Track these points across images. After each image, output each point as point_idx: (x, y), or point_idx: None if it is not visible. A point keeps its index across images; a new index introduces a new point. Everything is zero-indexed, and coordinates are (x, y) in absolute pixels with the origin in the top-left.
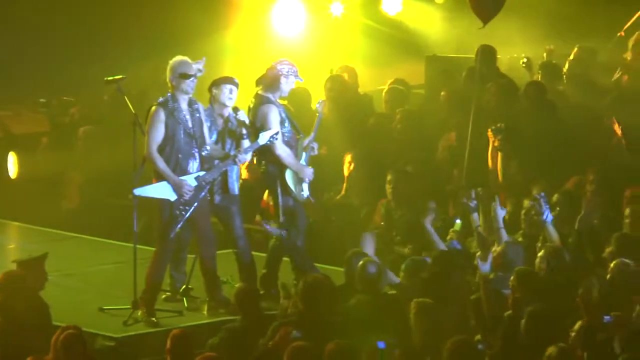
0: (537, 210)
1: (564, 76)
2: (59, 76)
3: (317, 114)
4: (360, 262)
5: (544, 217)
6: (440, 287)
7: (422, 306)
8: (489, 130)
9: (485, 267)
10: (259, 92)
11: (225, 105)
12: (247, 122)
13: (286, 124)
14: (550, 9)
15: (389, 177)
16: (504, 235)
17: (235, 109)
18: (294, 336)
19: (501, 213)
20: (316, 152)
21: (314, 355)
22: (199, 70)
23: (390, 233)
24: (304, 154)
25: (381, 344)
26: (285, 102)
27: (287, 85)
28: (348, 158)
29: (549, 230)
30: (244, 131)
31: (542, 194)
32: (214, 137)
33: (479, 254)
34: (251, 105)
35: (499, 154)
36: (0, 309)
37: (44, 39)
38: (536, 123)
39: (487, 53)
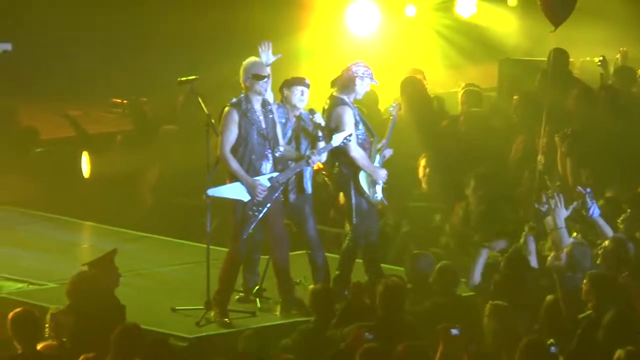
0: (584, 206)
1: (639, 79)
2: (132, 76)
3: (392, 117)
4: (439, 265)
5: (591, 212)
6: (512, 290)
7: (496, 308)
8: (556, 136)
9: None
10: (334, 93)
11: (296, 107)
12: (322, 124)
13: (360, 126)
14: (624, 12)
15: (472, 183)
16: (565, 236)
17: (311, 111)
18: (367, 338)
19: (563, 213)
20: (389, 155)
21: (386, 357)
22: (269, 58)
23: (468, 235)
24: (377, 157)
25: (455, 331)
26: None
27: (362, 87)
28: (422, 162)
29: (599, 225)
30: (319, 133)
31: (588, 189)
32: (289, 135)
33: (551, 255)
34: (326, 107)
35: (568, 159)
36: (74, 310)
37: (118, 39)
38: (608, 127)
39: (560, 56)
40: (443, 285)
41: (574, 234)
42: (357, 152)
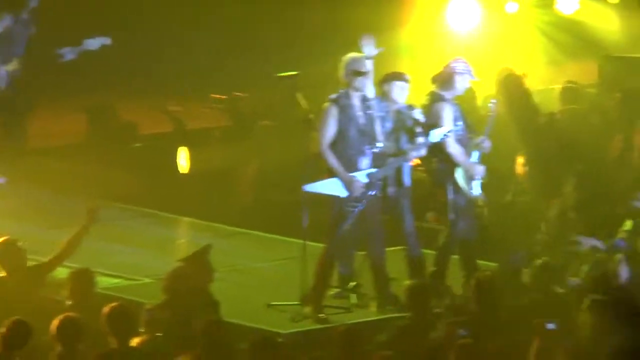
0: None
1: None
2: (231, 72)
3: (490, 113)
4: (539, 262)
5: None
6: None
7: (595, 302)
8: None
9: None
10: (434, 89)
11: (395, 103)
12: (421, 119)
13: (459, 123)
14: None
15: (571, 180)
16: None
17: (410, 107)
18: (461, 334)
19: None
20: (487, 149)
21: (480, 353)
22: (371, 51)
23: (564, 233)
24: (475, 153)
25: (551, 325)
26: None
27: (462, 83)
28: (520, 160)
29: None
30: (418, 129)
31: None
32: (387, 129)
33: None
34: (425, 103)
35: None
36: (170, 306)
37: (218, 35)
38: None
39: None
40: (540, 282)
41: None
42: (454, 148)
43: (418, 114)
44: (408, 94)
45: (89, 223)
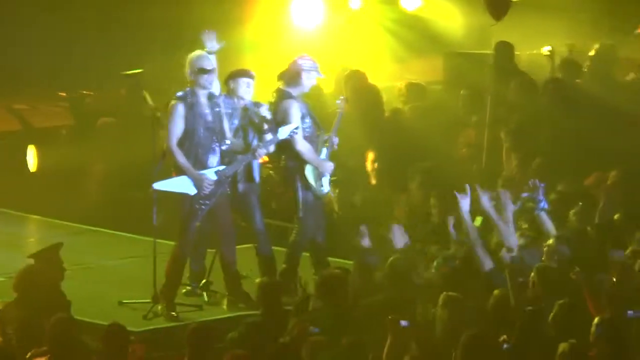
0: (533, 199)
1: (585, 73)
2: (77, 70)
3: (338, 110)
4: (390, 260)
5: (541, 206)
6: (463, 283)
7: (449, 299)
8: (501, 132)
9: (507, 257)
10: (281, 86)
11: (242, 99)
12: (268, 116)
13: (307, 120)
14: (571, 6)
15: (417, 178)
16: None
17: (258, 104)
18: (312, 331)
19: (511, 208)
20: (336, 147)
21: (332, 349)
22: (213, 46)
23: (413, 229)
24: (324, 150)
25: (404, 322)
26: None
27: (308, 80)
28: (371, 155)
29: (542, 220)
30: (266, 126)
31: (542, 184)
32: (235, 125)
33: (504, 248)
34: (272, 100)
35: (513, 154)
36: (21, 304)
37: (62, 32)
38: (555, 120)
39: (505, 49)
40: (393, 280)
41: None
42: (302, 146)
43: (265, 111)
44: (254, 91)
45: None
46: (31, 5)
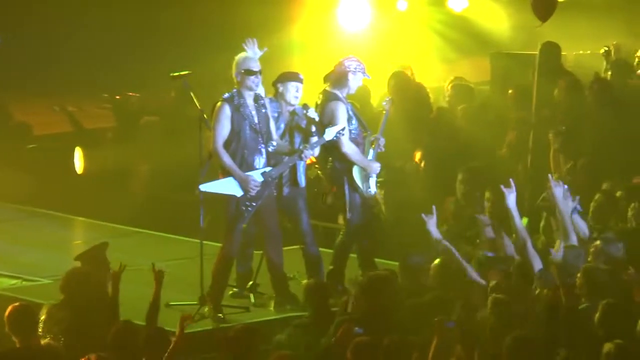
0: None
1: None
2: (124, 72)
3: (384, 112)
4: (437, 261)
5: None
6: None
7: (497, 302)
8: (550, 133)
9: (557, 256)
10: (327, 88)
11: (290, 103)
12: (316, 119)
13: (353, 121)
14: (618, 5)
15: (460, 176)
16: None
17: (305, 106)
18: (356, 332)
19: (571, 204)
20: (382, 148)
21: (377, 350)
22: (256, 53)
23: (459, 230)
24: (370, 151)
25: (450, 324)
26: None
27: (355, 82)
28: (418, 155)
29: (574, 222)
30: (312, 128)
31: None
32: (282, 129)
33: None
34: (318, 102)
35: (561, 155)
36: (68, 306)
37: (109, 35)
38: (600, 120)
39: (551, 49)
40: (441, 281)
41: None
42: (349, 148)
43: (313, 113)
44: (302, 94)
45: None
46: (80, 7)
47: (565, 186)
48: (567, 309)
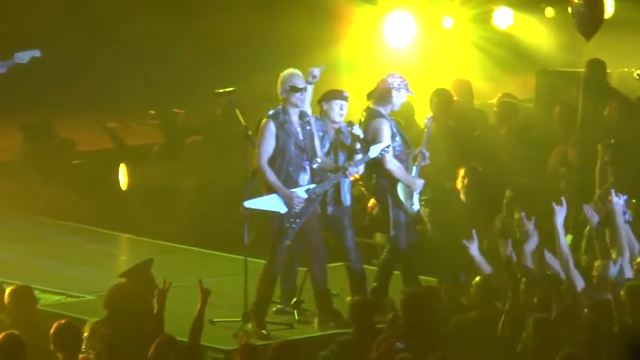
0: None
1: None
2: (170, 88)
3: (426, 129)
4: (478, 278)
5: (623, 219)
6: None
7: (539, 321)
8: (599, 145)
9: (613, 271)
10: (370, 105)
11: (335, 122)
12: (361, 136)
13: (397, 138)
14: None
15: (507, 194)
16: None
17: (350, 123)
18: (398, 348)
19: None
20: (428, 160)
21: None
22: (314, 77)
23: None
24: (414, 167)
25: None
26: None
27: (398, 98)
28: (461, 172)
29: (625, 233)
30: (357, 145)
31: (625, 196)
32: (327, 147)
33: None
34: (362, 119)
35: (609, 167)
36: (112, 323)
37: (156, 53)
38: None
39: (597, 67)
40: (482, 298)
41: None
42: (393, 165)
43: (358, 130)
44: (347, 111)
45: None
46: (122, 24)
47: (625, 196)
48: (620, 324)
